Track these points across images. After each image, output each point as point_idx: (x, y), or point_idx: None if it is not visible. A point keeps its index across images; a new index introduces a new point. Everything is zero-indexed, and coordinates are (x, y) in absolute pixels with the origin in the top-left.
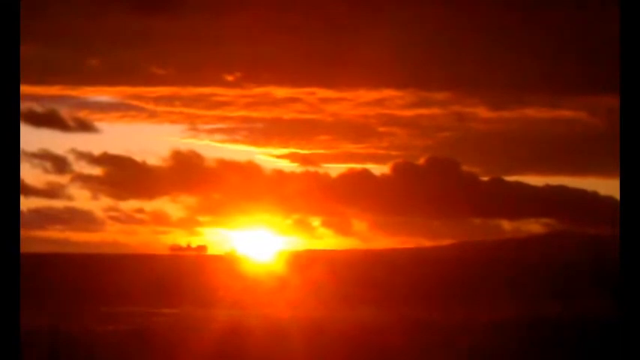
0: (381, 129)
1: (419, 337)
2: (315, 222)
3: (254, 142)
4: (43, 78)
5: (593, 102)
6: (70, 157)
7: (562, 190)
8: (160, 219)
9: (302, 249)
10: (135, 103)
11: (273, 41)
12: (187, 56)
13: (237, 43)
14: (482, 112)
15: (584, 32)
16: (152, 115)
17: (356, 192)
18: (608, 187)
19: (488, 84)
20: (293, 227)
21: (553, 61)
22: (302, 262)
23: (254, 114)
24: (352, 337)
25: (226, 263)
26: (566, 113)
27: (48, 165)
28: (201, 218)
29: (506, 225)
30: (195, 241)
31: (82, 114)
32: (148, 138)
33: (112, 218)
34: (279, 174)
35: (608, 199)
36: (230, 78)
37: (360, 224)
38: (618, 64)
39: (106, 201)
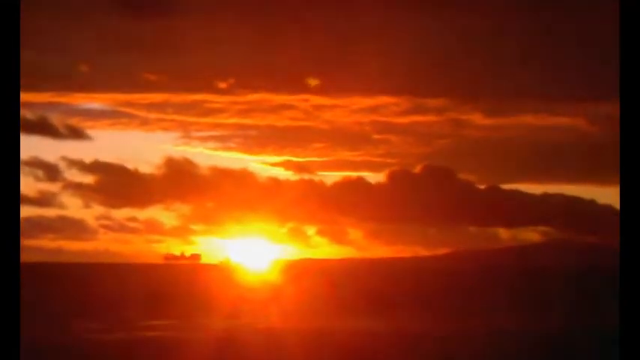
0: (377, 136)
1: (415, 346)
2: (310, 230)
3: (248, 150)
4: (33, 84)
5: (592, 108)
6: (62, 165)
7: (560, 198)
8: (154, 228)
9: (297, 258)
10: (126, 110)
11: (267, 47)
12: (179, 62)
13: (229, 50)
14: (479, 118)
15: (583, 38)
16: (144, 123)
17: (351, 200)
18: (607, 195)
19: (484, 90)
20: (288, 236)
21: (550, 67)
22: (297, 271)
23: (248, 121)
24: (347, 346)
25: (221, 272)
26: (564, 120)
27: (39, 173)
28: (195, 227)
29: (504, 233)
30: (189, 250)
31: (73, 121)
32: (140, 145)
33: (105, 227)
34: (274, 182)
35: (607, 207)
36: (223, 85)
37: (355, 233)
38: (618, 70)
39: (98, 209)
